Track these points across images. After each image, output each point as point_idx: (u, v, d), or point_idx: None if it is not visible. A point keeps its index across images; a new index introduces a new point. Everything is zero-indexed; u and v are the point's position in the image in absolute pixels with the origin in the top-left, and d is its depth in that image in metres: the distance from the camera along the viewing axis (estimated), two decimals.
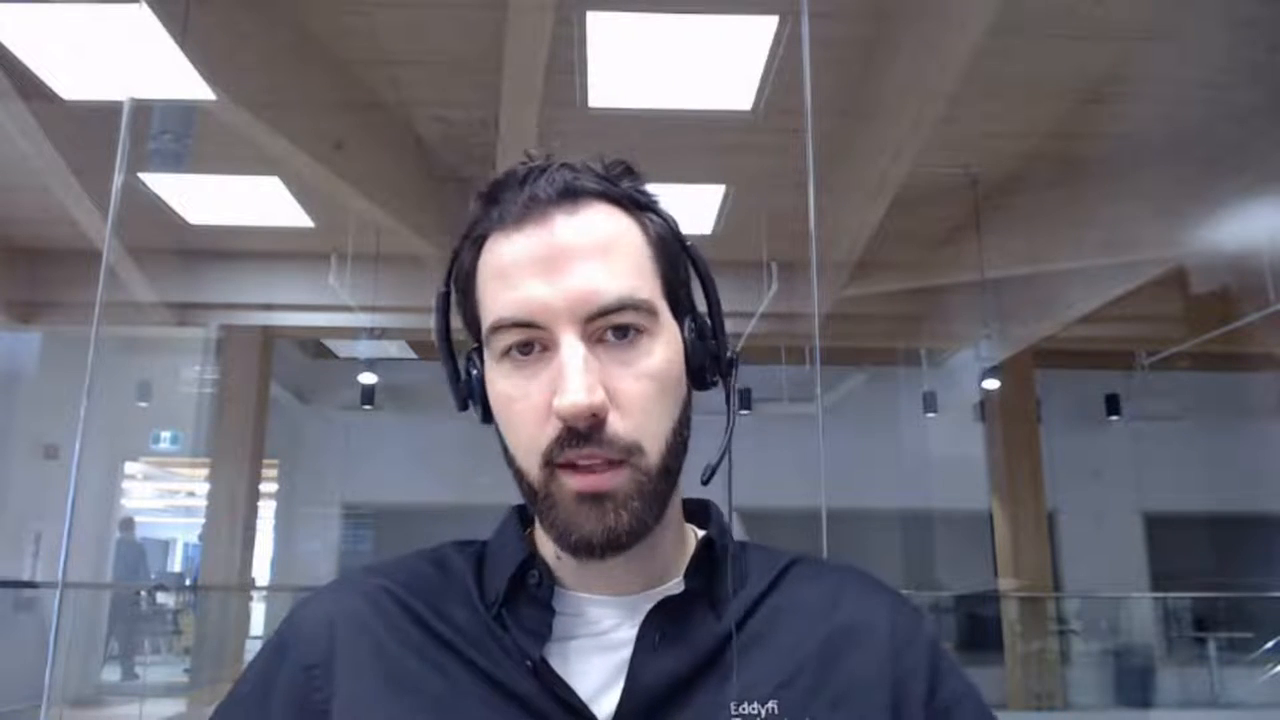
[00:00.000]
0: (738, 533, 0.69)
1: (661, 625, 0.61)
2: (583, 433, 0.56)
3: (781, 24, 3.79)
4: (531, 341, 0.58)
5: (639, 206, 0.63)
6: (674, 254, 0.64)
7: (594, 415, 0.56)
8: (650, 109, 4.51)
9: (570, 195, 0.60)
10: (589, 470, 0.57)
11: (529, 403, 0.58)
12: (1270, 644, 7.83)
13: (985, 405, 8.16)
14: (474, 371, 0.63)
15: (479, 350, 0.64)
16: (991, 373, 7.46)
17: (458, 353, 0.66)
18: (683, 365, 0.62)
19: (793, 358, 5.87)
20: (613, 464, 0.57)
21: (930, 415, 8.17)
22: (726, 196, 5.40)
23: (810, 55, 3.28)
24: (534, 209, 0.59)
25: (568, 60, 3.96)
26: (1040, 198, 5.47)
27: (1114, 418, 8.99)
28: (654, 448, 0.59)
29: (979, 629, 8.45)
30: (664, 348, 0.60)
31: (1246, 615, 8.34)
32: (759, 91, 4.27)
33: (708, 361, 0.63)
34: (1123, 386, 8.87)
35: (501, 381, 0.60)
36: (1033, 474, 8.06)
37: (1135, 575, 8.92)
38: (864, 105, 4.46)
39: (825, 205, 4.96)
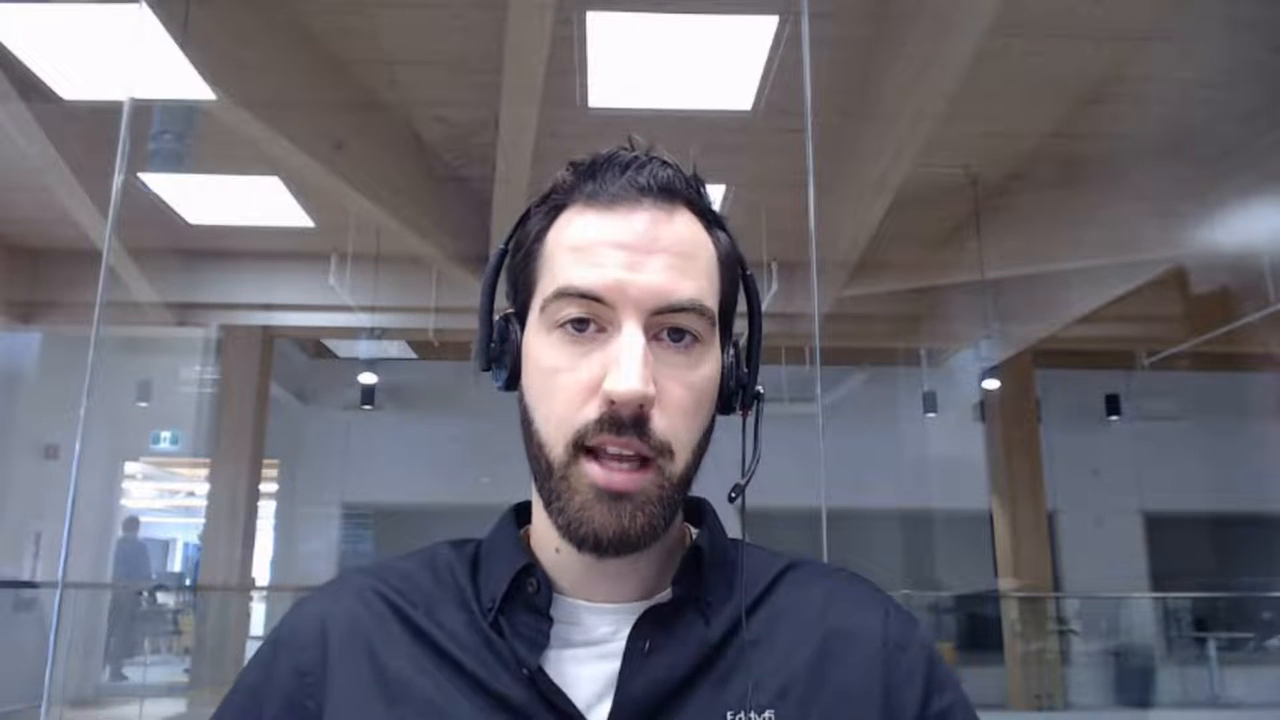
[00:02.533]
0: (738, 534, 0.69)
1: (649, 634, 0.61)
2: (625, 420, 0.57)
3: (781, 24, 3.79)
4: (589, 319, 0.59)
5: (714, 222, 0.65)
6: (733, 276, 0.65)
7: (641, 406, 0.57)
8: (650, 109, 4.51)
9: (667, 194, 0.61)
10: (615, 467, 0.57)
11: (574, 377, 0.59)
12: (1270, 644, 7.83)
13: (985, 405, 8.16)
14: (513, 335, 0.63)
15: (518, 316, 0.64)
16: (991, 373, 7.46)
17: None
18: (718, 385, 0.63)
19: (793, 358, 5.87)
20: (642, 461, 0.58)
21: (930, 415, 8.16)
22: (726, 196, 5.40)
23: (810, 55, 3.28)
24: (630, 196, 0.60)
25: (568, 60, 3.96)
26: (1040, 198, 5.47)
27: (1114, 418, 8.99)
28: (681, 455, 0.59)
29: (979, 629, 8.45)
30: (710, 362, 0.61)
31: (1246, 615, 8.34)
32: (759, 91, 4.27)
33: (737, 389, 0.64)
34: (1123, 386, 8.87)
35: (548, 351, 0.60)
36: (1033, 474, 8.06)
37: (1135, 575, 8.92)
38: (864, 105, 4.46)
39: (825, 205, 4.95)
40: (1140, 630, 8.51)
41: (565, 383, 0.59)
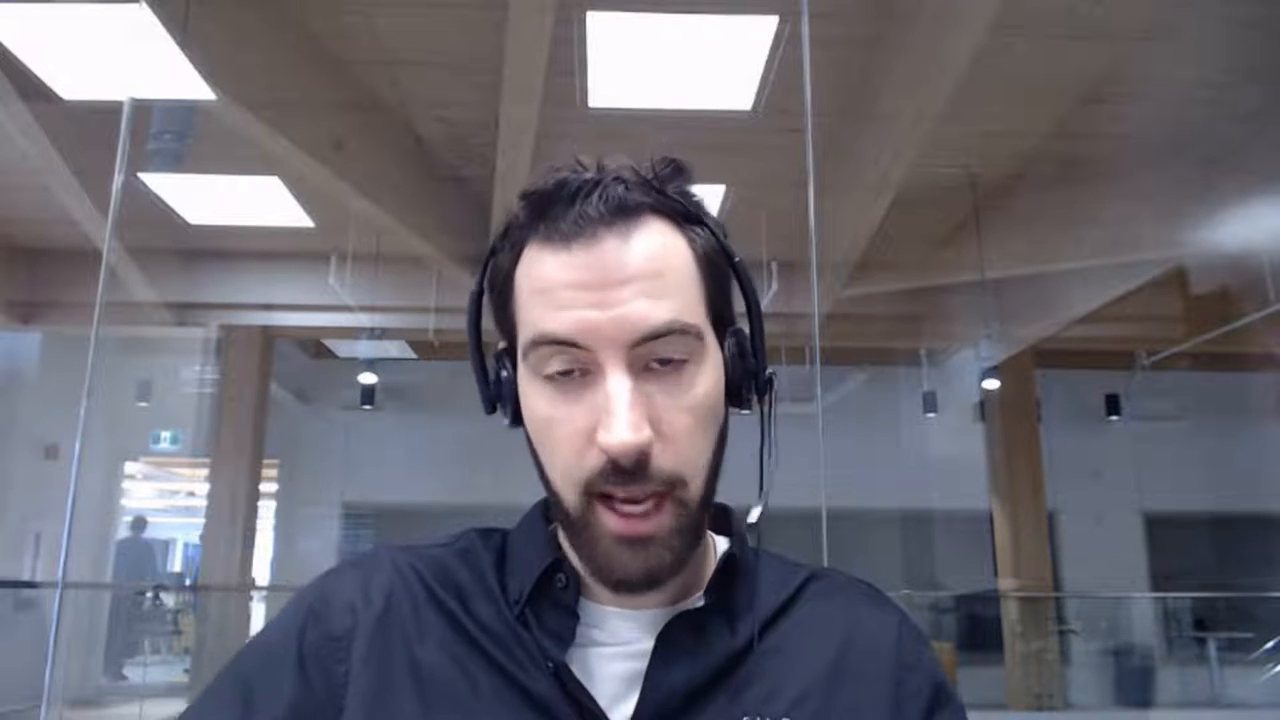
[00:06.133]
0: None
1: (678, 638, 0.61)
2: (627, 469, 0.56)
3: (781, 24, 3.79)
4: (572, 367, 0.57)
5: (688, 219, 0.62)
6: (720, 268, 0.63)
7: (639, 453, 0.55)
8: (650, 109, 4.51)
9: (623, 214, 0.58)
10: (629, 512, 0.57)
11: (571, 427, 0.57)
12: (1270, 644, 7.83)
13: (985, 405, 8.16)
14: (504, 373, 0.62)
15: (508, 352, 0.63)
16: (991, 373, 7.46)
17: (485, 354, 0.65)
18: (723, 387, 0.61)
19: (793, 358, 5.86)
20: (655, 498, 0.57)
21: (930, 415, 8.17)
22: (726, 196, 5.40)
23: (810, 55, 3.28)
24: (585, 228, 0.57)
25: (568, 60, 3.96)
26: (1040, 198, 5.47)
27: (1114, 418, 8.99)
28: (696, 479, 0.59)
29: (979, 629, 8.45)
30: (708, 374, 0.59)
31: (1246, 615, 8.34)
32: (759, 91, 4.28)
33: (746, 381, 0.62)
34: (1123, 386, 8.86)
35: (540, 400, 0.59)
36: (1033, 474, 8.06)
37: (1135, 575, 8.92)
38: (864, 105, 4.46)
39: (825, 205, 4.95)
40: (1140, 630, 8.51)
41: (562, 433, 0.58)
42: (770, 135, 4.70)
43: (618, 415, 0.55)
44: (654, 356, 0.57)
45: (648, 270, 0.58)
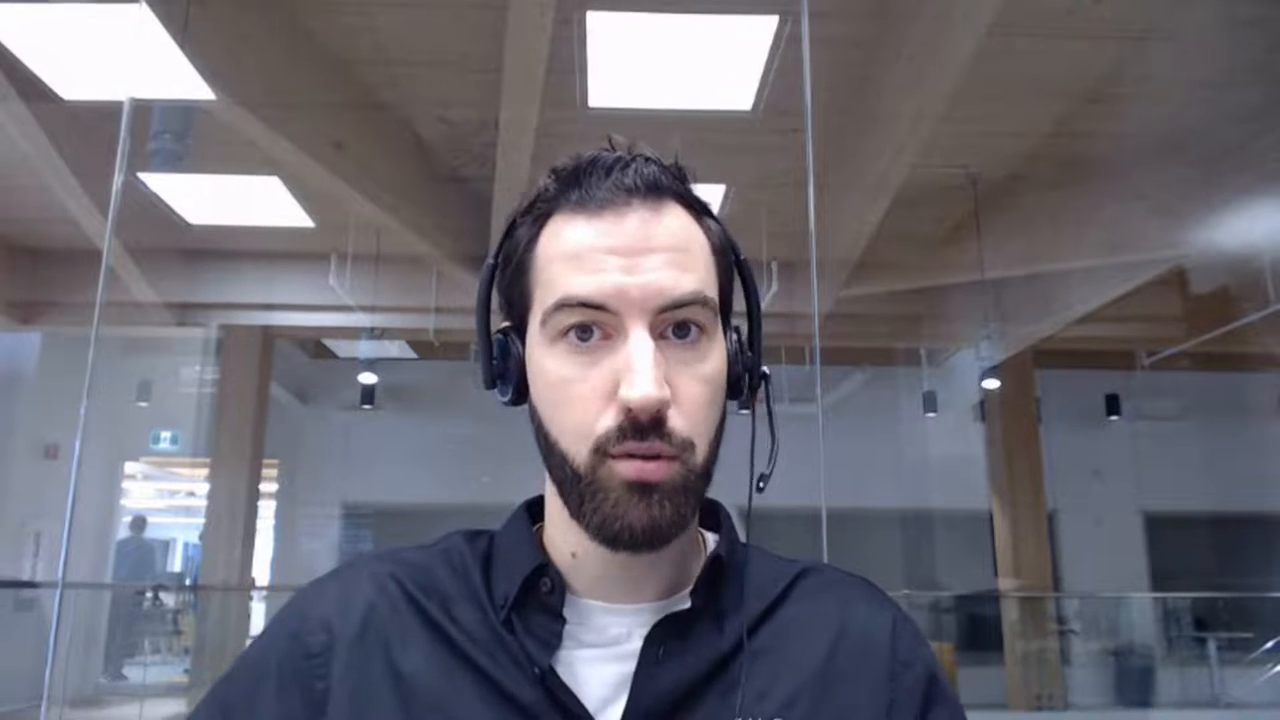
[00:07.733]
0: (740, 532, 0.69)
1: (665, 640, 0.61)
2: (645, 425, 0.57)
3: (781, 24, 3.79)
4: (592, 326, 0.59)
5: (704, 213, 0.65)
6: (727, 264, 0.65)
7: (659, 409, 0.57)
8: (650, 109, 4.51)
9: (655, 191, 0.61)
10: (642, 454, 0.57)
11: (588, 386, 0.58)
12: (1270, 644, 7.83)
13: (985, 405, 8.16)
14: (514, 350, 0.63)
15: (515, 330, 0.64)
16: (991, 372, 7.46)
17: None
18: (726, 374, 0.63)
19: (793, 358, 5.86)
20: (666, 459, 0.58)
21: (930, 415, 8.17)
22: (726, 196, 5.40)
23: (810, 55, 3.28)
24: (618, 198, 0.60)
25: (568, 60, 3.96)
26: (1040, 198, 5.47)
27: (1114, 417, 8.99)
28: (702, 448, 0.60)
29: (979, 629, 8.45)
30: (718, 353, 0.62)
31: (1246, 615, 8.34)
32: (759, 91, 4.27)
33: (744, 375, 0.65)
34: (1123, 386, 8.87)
35: (555, 363, 0.60)
36: (1033, 474, 8.06)
37: (1135, 575, 8.92)
38: (864, 105, 4.46)
39: (825, 205, 4.95)
40: (1140, 630, 8.51)
41: (578, 393, 0.59)
42: (770, 135, 4.70)
43: (641, 371, 0.56)
44: (674, 321, 0.59)
45: (675, 244, 0.60)
